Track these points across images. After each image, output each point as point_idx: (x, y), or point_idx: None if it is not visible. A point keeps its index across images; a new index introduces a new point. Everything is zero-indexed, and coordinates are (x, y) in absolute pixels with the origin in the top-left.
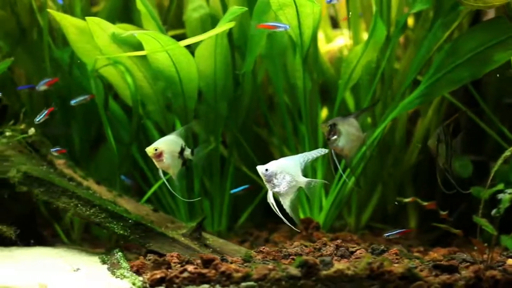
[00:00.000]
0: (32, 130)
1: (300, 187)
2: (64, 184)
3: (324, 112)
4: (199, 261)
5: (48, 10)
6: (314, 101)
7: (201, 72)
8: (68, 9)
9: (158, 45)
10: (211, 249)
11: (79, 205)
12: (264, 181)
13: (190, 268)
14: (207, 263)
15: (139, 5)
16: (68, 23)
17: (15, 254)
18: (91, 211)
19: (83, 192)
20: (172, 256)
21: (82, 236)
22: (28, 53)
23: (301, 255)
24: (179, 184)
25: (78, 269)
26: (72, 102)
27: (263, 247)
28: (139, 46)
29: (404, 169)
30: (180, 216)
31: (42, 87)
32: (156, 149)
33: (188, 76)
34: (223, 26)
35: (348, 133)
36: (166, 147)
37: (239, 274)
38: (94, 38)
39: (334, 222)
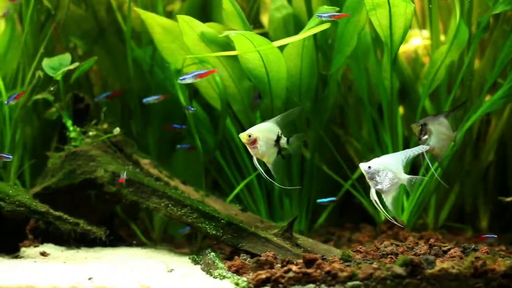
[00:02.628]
0: (117, 130)
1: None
2: (153, 184)
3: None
4: (299, 260)
5: (135, 8)
6: (396, 100)
7: (287, 72)
8: (150, 7)
9: (250, 45)
10: (302, 249)
11: (169, 205)
12: (367, 179)
13: (294, 268)
14: (309, 262)
15: (226, 4)
16: (154, 22)
17: (102, 255)
18: (182, 211)
19: (173, 192)
20: (268, 256)
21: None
22: (106, 52)
23: (397, 254)
24: (276, 173)
25: (172, 269)
26: (144, 101)
27: (360, 246)
28: (226, 45)
29: (481, 169)
30: (259, 216)
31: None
32: (249, 136)
33: (277, 76)
34: (320, 26)
35: (438, 132)
36: (261, 134)
37: (345, 274)
38: (183, 37)
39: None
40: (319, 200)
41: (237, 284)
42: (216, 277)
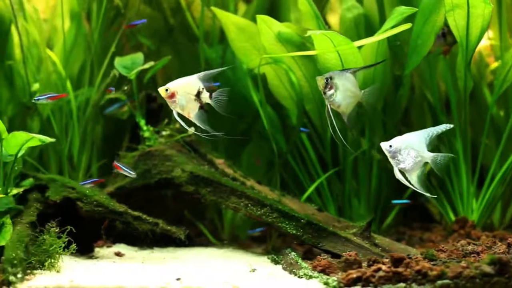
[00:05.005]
0: (192, 129)
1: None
2: (231, 184)
3: None
4: (385, 260)
5: (211, 8)
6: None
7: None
8: (221, 7)
9: (331, 45)
10: (380, 248)
11: (249, 205)
12: (389, 158)
13: (384, 267)
14: (397, 262)
15: (302, 4)
16: (229, 21)
17: (179, 255)
18: (262, 211)
19: (251, 191)
20: (353, 256)
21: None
22: (174, 51)
23: (478, 253)
24: (203, 126)
25: (254, 269)
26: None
27: (442, 245)
28: (301, 45)
29: None
30: None
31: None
32: (167, 90)
33: None
34: (402, 26)
35: (345, 88)
36: (179, 88)
37: (434, 273)
38: (260, 36)
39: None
40: (394, 201)
41: (326, 283)
42: (302, 277)
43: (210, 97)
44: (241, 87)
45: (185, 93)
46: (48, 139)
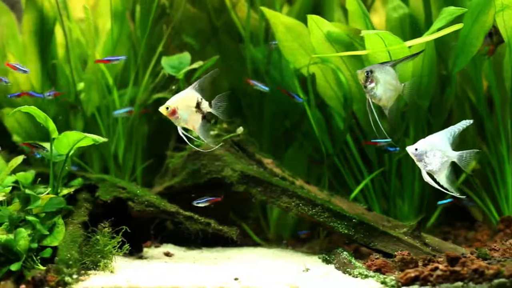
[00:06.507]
0: (240, 129)
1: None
2: (282, 184)
3: None
4: (440, 259)
5: (261, 7)
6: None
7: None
8: (267, 7)
9: (382, 45)
10: (430, 248)
11: (300, 204)
12: (416, 161)
13: (441, 266)
14: (453, 261)
15: (350, 4)
16: (278, 21)
17: (230, 255)
18: (314, 210)
19: (302, 191)
20: (407, 255)
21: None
22: (218, 51)
23: None
24: (206, 138)
25: (308, 269)
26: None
27: (495, 245)
28: (349, 45)
29: None
30: None
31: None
32: (167, 108)
33: (402, 75)
34: (454, 26)
35: (385, 81)
36: (179, 103)
37: (491, 271)
38: (310, 36)
39: None
40: (439, 202)
41: (383, 283)
42: (357, 276)
43: (210, 105)
44: (287, 87)
45: (186, 106)
46: (101, 139)
